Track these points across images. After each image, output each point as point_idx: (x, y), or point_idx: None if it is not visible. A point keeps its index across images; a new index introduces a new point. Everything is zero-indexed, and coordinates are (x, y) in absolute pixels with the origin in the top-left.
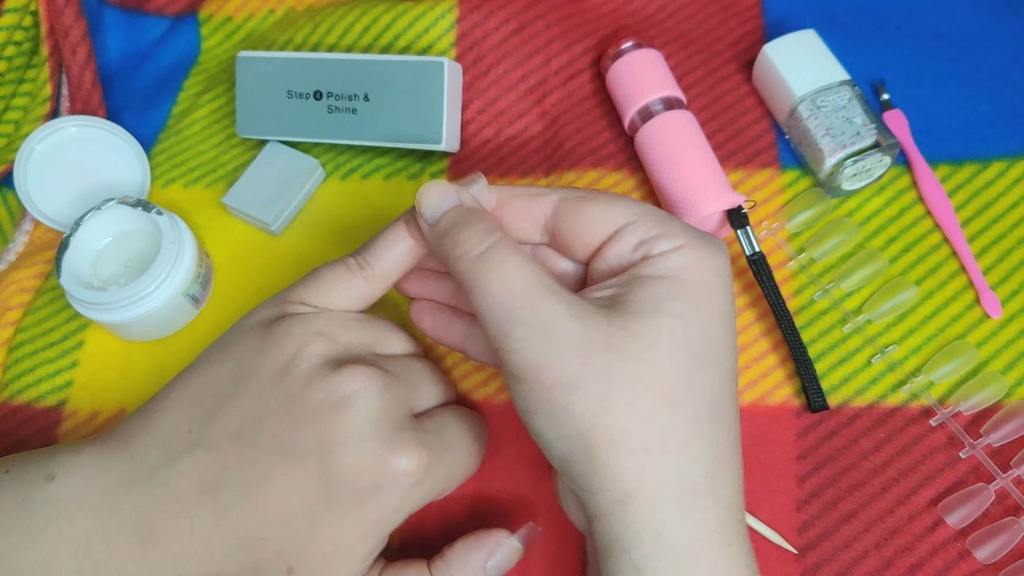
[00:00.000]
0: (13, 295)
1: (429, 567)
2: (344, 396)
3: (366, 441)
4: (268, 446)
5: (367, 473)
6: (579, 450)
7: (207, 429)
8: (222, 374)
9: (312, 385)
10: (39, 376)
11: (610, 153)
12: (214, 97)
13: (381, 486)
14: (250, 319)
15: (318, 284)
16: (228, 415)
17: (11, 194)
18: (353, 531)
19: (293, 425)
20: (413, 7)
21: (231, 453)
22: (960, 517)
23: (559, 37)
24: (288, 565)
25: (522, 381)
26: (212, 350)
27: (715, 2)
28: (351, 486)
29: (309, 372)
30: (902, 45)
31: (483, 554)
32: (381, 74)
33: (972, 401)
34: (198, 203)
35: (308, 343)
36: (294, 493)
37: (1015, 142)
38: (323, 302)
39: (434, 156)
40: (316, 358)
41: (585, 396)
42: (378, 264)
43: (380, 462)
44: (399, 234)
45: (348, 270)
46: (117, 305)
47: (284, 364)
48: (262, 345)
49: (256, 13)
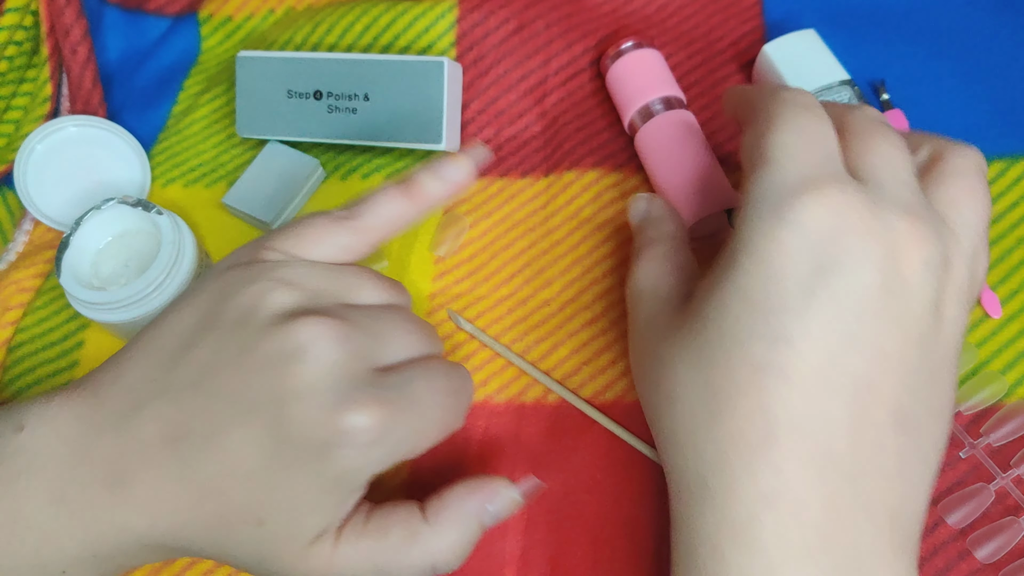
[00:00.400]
0: (13, 295)
1: (422, 508)
2: (298, 347)
3: (318, 396)
4: (225, 397)
5: (319, 429)
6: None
7: (170, 377)
8: (187, 322)
9: (268, 335)
10: (39, 376)
11: (610, 153)
12: (214, 97)
13: (335, 443)
14: (222, 264)
15: (297, 230)
16: (188, 363)
17: (11, 194)
18: (314, 487)
19: (247, 376)
20: (413, 7)
21: (191, 403)
22: (960, 517)
23: (559, 37)
24: (257, 518)
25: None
26: (182, 296)
27: (715, 2)
28: (304, 442)
29: (266, 321)
30: (902, 45)
31: (480, 499)
32: (381, 74)
33: (972, 401)
34: (198, 203)
35: (270, 291)
36: (251, 446)
37: (1015, 142)
38: (299, 250)
39: (434, 156)
40: (276, 307)
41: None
42: (365, 215)
43: (332, 418)
44: (393, 192)
45: (330, 220)
46: (117, 305)
47: (244, 312)
48: (226, 292)
49: (256, 13)
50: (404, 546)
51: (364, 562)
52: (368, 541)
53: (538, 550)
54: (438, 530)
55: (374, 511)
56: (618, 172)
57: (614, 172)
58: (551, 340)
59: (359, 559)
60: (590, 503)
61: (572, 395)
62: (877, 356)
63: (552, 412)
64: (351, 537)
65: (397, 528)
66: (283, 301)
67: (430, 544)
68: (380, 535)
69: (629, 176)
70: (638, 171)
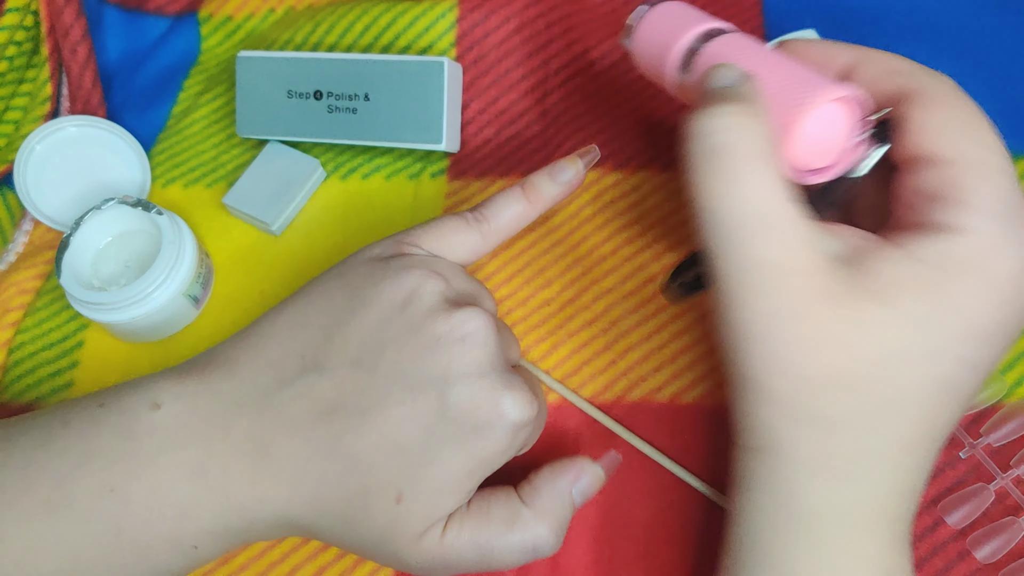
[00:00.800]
0: (13, 296)
1: (517, 492)
2: (467, 333)
3: (485, 379)
4: (388, 373)
5: (483, 409)
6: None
7: (322, 353)
8: (337, 302)
9: (435, 317)
10: (39, 377)
11: (610, 153)
12: (214, 97)
13: (494, 424)
14: (364, 254)
15: (437, 230)
16: (345, 340)
17: (11, 194)
18: (463, 466)
19: (414, 354)
20: (413, 7)
21: (348, 378)
22: (960, 517)
23: (559, 37)
24: (398, 493)
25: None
26: (322, 280)
27: (715, 2)
28: (467, 421)
29: (432, 305)
30: (902, 45)
31: (569, 479)
32: (381, 74)
33: (972, 401)
34: (198, 203)
35: (428, 279)
36: (412, 422)
37: (1015, 142)
38: (438, 249)
39: (434, 156)
40: (438, 294)
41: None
42: (495, 220)
43: (496, 400)
44: (515, 195)
45: (466, 223)
46: (117, 305)
47: (407, 295)
48: (381, 275)
49: (256, 12)
50: (506, 529)
51: (469, 545)
52: (472, 525)
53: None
54: (536, 512)
55: (473, 497)
56: (618, 172)
57: (614, 172)
58: (551, 340)
59: (464, 543)
60: (590, 503)
61: (572, 394)
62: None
63: (552, 412)
64: (457, 522)
65: (498, 511)
66: (442, 290)
67: (530, 526)
68: (483, 518)
69: (629, 176)
70: (639, 171)
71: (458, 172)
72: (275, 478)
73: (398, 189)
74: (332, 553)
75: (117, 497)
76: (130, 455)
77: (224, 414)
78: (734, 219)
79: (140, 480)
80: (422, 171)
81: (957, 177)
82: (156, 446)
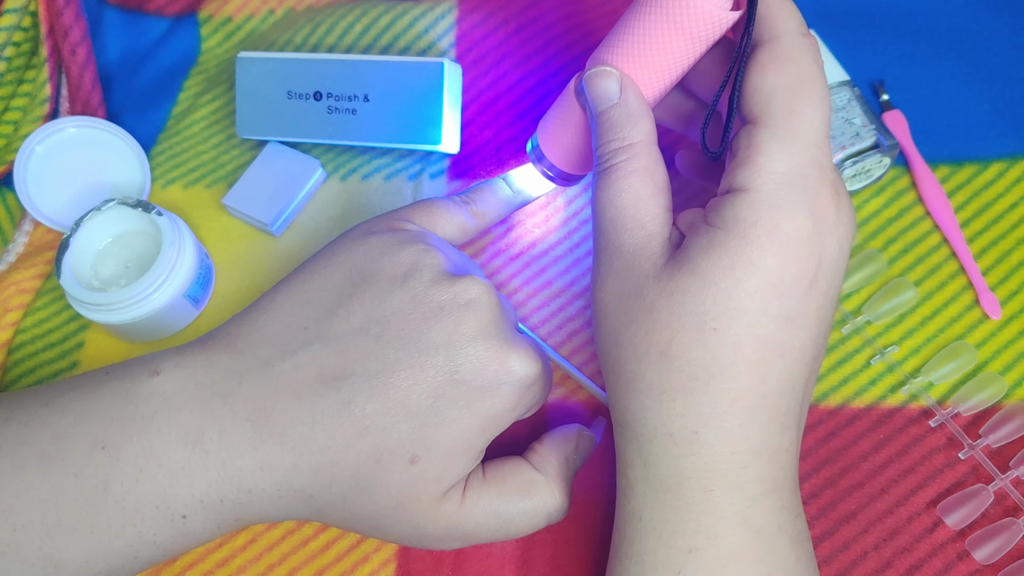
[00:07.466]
0: (13, 296)
1: (528, 460)
2: (471, 299)
3: (491, 339)
4: (394, 341)
5: (491, 369)
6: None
7: (325, 326)
8: (336, 277)
9: (438, 287)
10: (39, 377)
11: None
12: (214, 97)
13: (502, 382)
14: (357, 231)
15: (428, 208)
16: (349, 313)
17: (11, 195)
18: (474, 425)
19: (420, 321)
20: (413, 7)
21: (353, 347)
22: (959, 518)
23: (559, 37)
24: (412, 455)
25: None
26: (318, 258)
27: None
28: (476, 380)
29: (433, 276)
30: (902, 45)
31: (572, 446)
32: (381, 75)
33: (971, 402)
34: (198, 203)
35: (426, 252)
36: (421, 385)
37: (1015, 142)
38: (429, 226)
39: (434, 157)
40: (437, 266)
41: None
42: (482, 201)
43: (504, 359)
44: (499, 184)
45: (455, 203)
46: (117, 306)
47: (407, 269)
48: (379, 251)
49: (256, 13)
50: (521, 496)
51: (487, 512)
52: (490, 493)
53: (538, 550)
54: (549, 479)
55: (487, 465)
56: None
57: None
58: (551, 340)
59: (483, 509)
60: (590, 503)
61: (566, 362)
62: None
63: (552, 412)
64: (475, 488)
65: (514, 480)
66: (440, 263)
67: (544, 493)
68: (500, 486)
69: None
70: None
71: (458, 172)
72: (279, 444)
73: (398, 189)
74: (332, 554)
75: (107, 454)
76: (126, 417)
77: (224, 382)
78: (612, 219)
79: (132, 440)
80: (421, 172)
81: (756, 138)
82: (152, 408)
